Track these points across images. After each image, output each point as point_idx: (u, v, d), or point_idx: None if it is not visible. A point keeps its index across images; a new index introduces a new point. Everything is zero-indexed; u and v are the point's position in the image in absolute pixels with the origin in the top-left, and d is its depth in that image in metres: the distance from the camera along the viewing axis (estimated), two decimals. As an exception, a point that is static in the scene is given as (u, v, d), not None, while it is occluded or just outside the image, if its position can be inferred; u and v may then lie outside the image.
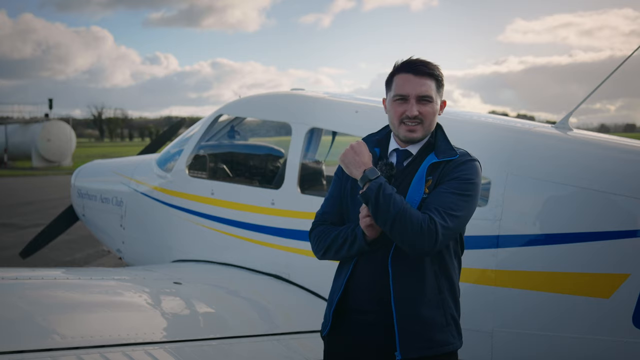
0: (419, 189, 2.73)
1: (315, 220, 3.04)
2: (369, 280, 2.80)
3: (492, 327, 3.78)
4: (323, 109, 5.37)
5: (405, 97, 2.79)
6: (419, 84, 2.78)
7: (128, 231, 6.84)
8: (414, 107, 2.77)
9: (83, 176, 8.29)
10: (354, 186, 2.85)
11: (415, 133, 2.81)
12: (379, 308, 2.75)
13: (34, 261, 9.54)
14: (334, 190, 3.02)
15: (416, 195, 2.72)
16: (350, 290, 2.85)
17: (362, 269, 2.83)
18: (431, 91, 2.80)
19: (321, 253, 2.94)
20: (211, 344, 3.70)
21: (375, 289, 2.77)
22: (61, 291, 4.30)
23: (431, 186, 2.73)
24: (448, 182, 2.72)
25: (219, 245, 5.52)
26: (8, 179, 32.44)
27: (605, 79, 4.26)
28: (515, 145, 4.08)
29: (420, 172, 2.77)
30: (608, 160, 3.89)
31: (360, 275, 2.83)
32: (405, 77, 2.81)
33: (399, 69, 2.85)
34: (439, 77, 2.85)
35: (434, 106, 2.82)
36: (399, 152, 2.87)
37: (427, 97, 2.79)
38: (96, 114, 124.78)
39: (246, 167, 6.09)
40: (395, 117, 2.82)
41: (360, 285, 2.82)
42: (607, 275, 3.47)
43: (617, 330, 3.46)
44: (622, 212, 3.55)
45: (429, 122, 2.82)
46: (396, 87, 2.83)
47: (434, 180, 2.75)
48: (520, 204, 3.83)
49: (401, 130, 2.82)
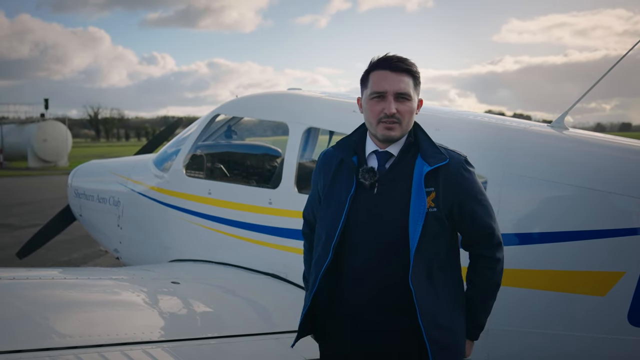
0: (422, 203, 2.65)
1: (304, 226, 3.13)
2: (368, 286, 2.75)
3: (487, 325, 3.79)
4: (320, 108, 5.37)
5: (382, 94, 2.70)
6: (396, 81, 2.69)
7: (125, 231, 6.83)
8: (392, 104, 2.68)
9: (80, 176, 8.27)
10: (326, 191, 2.85)
11: (394, 131, 2.71)
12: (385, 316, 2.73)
13: (30, 261, 9.51)
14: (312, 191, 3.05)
15: (420, 209, 2.64)
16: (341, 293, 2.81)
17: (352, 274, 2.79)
18: (409, 88, 2.71)
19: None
20: (209, 343, 3.70)
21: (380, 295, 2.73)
22: (59, 291, 4.29)
23: (437, 199, 2.67)
24: (473, 208, 2.76)
25: (216, 244, 5.52)
26: (4, 179, 32.34)
27: (600, 78, 4.28)
28: (511, 144, 4.09)
29: (417, 181, 2.68)
30: (604, 159, 3.91)
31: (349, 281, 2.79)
32: (382, 73, 2.72)
33: (375, 65, 2.76)
34: (416, 73, 2.76)
35: (412, 104, 2.74)
36: (379, 154, 2.78)
37: (405, 95, 2.70)
38: (92, 114, 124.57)
39: (243, 167, 6.10)
40: (373, 115, 2.73)
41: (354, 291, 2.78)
42: (602, 273, 3.49)
43: (613, 327, 3.48)
44: (618, 210, 3.57)
45: (407, 121, 2.73)
46: (373, 84, 2.73)
47: (439, 193, 2.68)
48: (516, 203, 3.84)
49: (379, 129, 2.72)
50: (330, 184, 2.83)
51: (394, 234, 2.67)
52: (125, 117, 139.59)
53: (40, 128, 42.85)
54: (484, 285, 2.83)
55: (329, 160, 2.89)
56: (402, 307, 2.67)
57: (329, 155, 2.92)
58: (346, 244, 2.74)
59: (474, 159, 4.12)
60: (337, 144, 2.89)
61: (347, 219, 2.72)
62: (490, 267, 2.81)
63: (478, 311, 2.84)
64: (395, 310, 2.70)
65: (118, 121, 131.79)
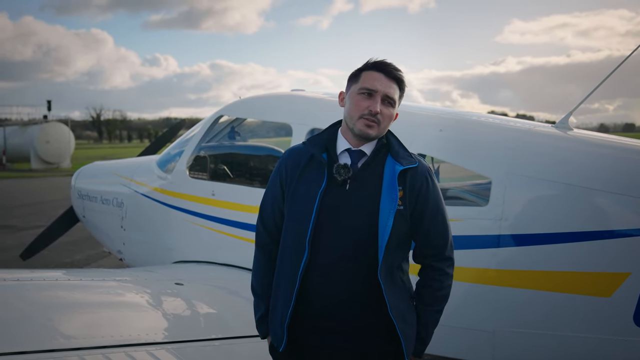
0: (393, 199, 2.70)
1: (257, 234, 3.08)
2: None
3: (493, 326, 3.79)
4: (323, 109, 5.37)
5: (372, 92, 2.75)
6: (387, 85, 2.77)
7: (129, 232, 6.84)
8: (378, 104, 2.74)
9: (83, 178, 8.29)
10: (292, 187, 2.82)
11: (372, 130, 2.75)
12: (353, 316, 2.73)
13: (34, 263, 9.53)
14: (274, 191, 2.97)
15: (390, 205, 2.69)
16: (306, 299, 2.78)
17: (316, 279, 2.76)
18: (396, 95, 2.79)
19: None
20: (213, 344, 3.70)
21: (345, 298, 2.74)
22: (63, 292, 4.30)
23: (404, 197, 2.72)
24: (433, 216, 2.78)
25: (220, 246, 5.52)
26: (6, 181, 32.39)
27: (605, 79, 4.27)
28: (515, 144, 4.08)
29: (389, 179, 2.73)
30: (609, 160, 3.90)
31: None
32: (375, 75, 2.78)
33: (370, 66, 2.82)
34: (403, 85, 2.84)
35: (393, 111, 2.81)
36: (353, 152, 2.81)
37: (391, 100, 2.77)
38: (95, 115, 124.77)
39: (247, 168, 6.09)
40: (357, 110, 2.77)
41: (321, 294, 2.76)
42: (608, 274, 3.48)
43: (618, 328, 3.47)
44: (623, 211, 3.56)
45: (385, 124, 2.79)
46: (365, 81, 2.78)
47: (405, 192, 2.73)
48: (521, 203, 3.83)
49: (358, 123, 2.76)
50: (297, 180, 2.83)
51: (363, 230, 2.70)
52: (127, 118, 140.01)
53: (43, 130, 42.94)
54: (430, 299, 2.83)
55: (296, 157, 2.89)
56: (370, 304, 2.71)
57: (295, 151, 2.93)
58: (315, 241, 2.73)
59: (478, 160, 4.14)
60: (308, 141, 2.91)
61: (318, 214, 2.72)
62: (439, 279, 2.82)
63: (422, 326, 2.82)
64: (365, 307, 2.72)
65: (120, 123, 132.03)
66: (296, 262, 2.76)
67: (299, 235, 2.75)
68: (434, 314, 2.84)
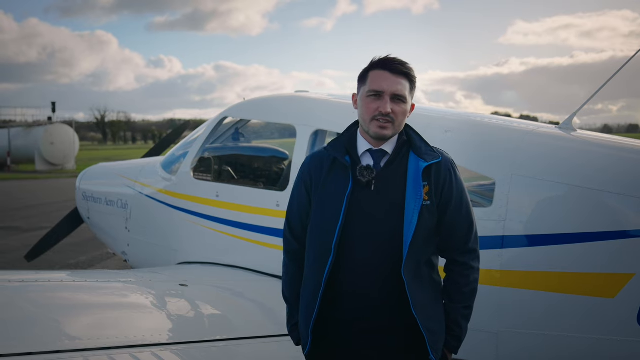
0: (418, 196, 2.70)
1: (285, 241, 3.04)
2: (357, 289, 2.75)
3: (497, 327, 3.78)
4: (327, 110, 5.37)
5: (379, 93, 2.75)
6: (394, 82, 2.75)
7: (133, 234, 6.85)
8: (388, 104, 2.73)
9: (88, 179, 8.31)
10: (318, 193, 2.82)
11: (386, 130, 2.76)
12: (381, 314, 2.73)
13: (39, 264, 9.57)
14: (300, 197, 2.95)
15: (416, 202, 2.69)
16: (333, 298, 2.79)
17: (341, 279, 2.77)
18: (405, 91, 2.78)
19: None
20: (217, 345, 3.71)
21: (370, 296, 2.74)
22: (68, 293, 4.31)
23: (430, 192, 2.72)
24: (457, 208, 2.80)
25: (224, 247, 5.52)
26: (11, 183, 32.50)
27: (609, 80, 4.27)
28: (519, 145, 4.08)
29: (413, 175, 2.74)
30: (613, 161, 3.89)
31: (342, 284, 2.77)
32: (381, 73, 2.77)
33: (375, 65, 2.81)
34: (413, 78, 2.83)
35: (406, 106, 2.80)
36: (374, 153, 2.82)
37: (401, 97, 2.76)
38: (99, 117, 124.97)
39: (251, 169, 6.10)
40: (368, 112, 2.78)
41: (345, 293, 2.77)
42: (612, 275, 3.48)
43: (622, 329, 3.46)
44: (627, 212, 3.55)
45: (399, 122, 2.79)
46: (371, 83, 2.78)
47: (431, 187, 2.74)
48: (525, 205, 3.83)
49: (372, 126, 2.77)
50: (322, 185, 2.82)
51: (390, 229, 2.70)
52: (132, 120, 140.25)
53: (47, 131, 43.09)
54: (457, 296, 2.83)
55: (319, 162, 2.88)
56: (400, 301, 2.70)
57: (317, 156, 2.92)
58: (344, 244, 2.74)
59: (482, 161, 4.13)
60: (329, 145, 2.91)
61: (346, 217, 2.72)
62: (465, 274, 2.82)
63: (452, 323, 2.82)
64: (395, 305, 2.72)
65: (125, 124, 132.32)
66: (321, 266, 2.76)
67: (325, 240, 2.75)
68: (462, 310, 2.84)
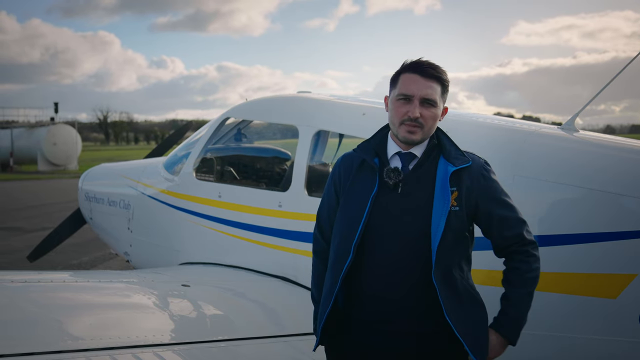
0: (445, 201, 2.67)
1: (315, 240, 3.06)
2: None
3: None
4: (330, 111, 5.37)
5: (409, 97, 2.72)
6: (424, 86, 2.72)
7: (135, 234, 6.86)
8: (417, 108, 2.71)
9: (90, 179, 8.32)
10: (345, 192, 2.83)
11: (415, 135, 2.74)
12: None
13: (41, 264, 9.57)
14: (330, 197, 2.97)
15: (443, 207, 2.66)
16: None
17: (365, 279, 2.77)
18: (436, 95, 2.75)
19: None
20: (219, 345, 3.71)
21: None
22: (70, 293, 4.31)
23: (459, 198, 2.70)
24: (500, 212, 2.80)
25: (226, 247, 5.53)
26: (14, 183, 32.54)
27: (611, 80, 4.26)
28: (522, 146, 4.08)
29: (441, 180, 2.71)
30: (615, 161, 3.88)
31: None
32: (411, 77, 2.75)
33: (407, 68, 2.78)
34: (445, 81, 2.80)
35: (436, 111, 2.77)
36: (403, 156, 2.80)
37: (431, 101, 2.73)
38: (102, 117, 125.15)
39: (253, 170, 6.10)
40: (397, 116, 2.76)
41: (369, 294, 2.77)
42: (614, 275, 3.47)
43: (625, 330, 3.46)
44: (630, 212, 3.54)
45: (429, 127, 2.76)
46: (401, 86, 2.76)
47: (461, 192, 2.71)
48: (527, 205, 3.82)
49: (401, 130, 2.75)
50: (350, 185, 2.82)
51: (415, 233, 2.69)
52: (134, 120, 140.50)
53: (50, 132, 43.15)
54: (519, 281, 2.80)
55: (349, 163, 2.89)
56: (426, 306, 2.69)
57: (348, 157, 2.92)
58: (366, 245, 2.73)
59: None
60: (358, 147, 2.91)
61: (369, 218, 2.71)
62: (526, 260, 2.80)
63: (513, 307, 2.81)
64: (419, 310, 2.71)
65: (127, 125, 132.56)
66: (339, 265, 2.76)
67: (346, 239, 2.75)
68: (525, 296, 2.81)
